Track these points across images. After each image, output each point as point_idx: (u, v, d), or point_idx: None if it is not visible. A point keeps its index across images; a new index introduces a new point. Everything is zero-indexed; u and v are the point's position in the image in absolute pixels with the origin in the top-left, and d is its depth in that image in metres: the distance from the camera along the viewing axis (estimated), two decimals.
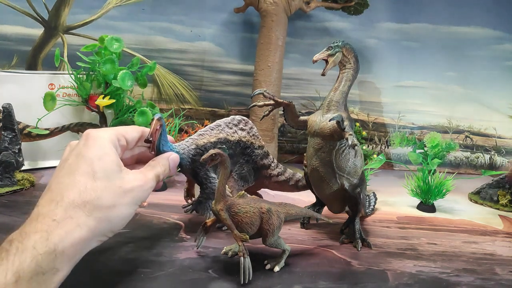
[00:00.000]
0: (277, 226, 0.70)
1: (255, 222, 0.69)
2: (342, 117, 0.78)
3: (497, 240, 0.95)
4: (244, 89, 1.63)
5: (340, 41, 0.85)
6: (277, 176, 0.94)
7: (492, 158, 1.64)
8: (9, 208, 0.97)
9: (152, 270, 0.70)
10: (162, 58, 1.61)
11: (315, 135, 0.84)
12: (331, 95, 0.85)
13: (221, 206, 0.68)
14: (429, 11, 1.59)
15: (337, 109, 0.83)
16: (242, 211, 0.68)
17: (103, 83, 1.32)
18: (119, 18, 1.59)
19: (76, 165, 0.58)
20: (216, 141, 0.86)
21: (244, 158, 0.90)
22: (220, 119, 0.89)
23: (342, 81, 0.85)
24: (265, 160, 0.92)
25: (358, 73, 0.87)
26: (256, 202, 0.71)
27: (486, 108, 1.62)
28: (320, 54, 0.85)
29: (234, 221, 0.68)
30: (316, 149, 0.84)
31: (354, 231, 0.86)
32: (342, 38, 1.54)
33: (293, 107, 0.89)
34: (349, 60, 0.86)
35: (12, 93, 1.24)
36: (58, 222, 0.52)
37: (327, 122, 0.80)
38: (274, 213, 0.70)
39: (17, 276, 0.47)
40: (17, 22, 1.55)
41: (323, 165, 0.83)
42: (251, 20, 1.59)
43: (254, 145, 0.90)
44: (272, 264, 0.73)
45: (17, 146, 1.11)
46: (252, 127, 0.91)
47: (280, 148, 1.59)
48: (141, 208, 1.02)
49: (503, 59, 1.59)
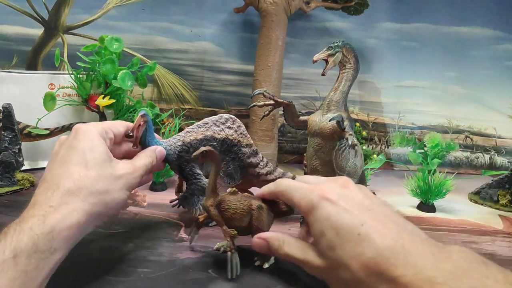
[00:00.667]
0: (266, 223, 0.71)
1: (245, 219, 0.70)
2: (342, 117, 0.78)
3: (497, 240, 0.94)
4: (244, 89, 1.63)
5: (340, 41, 0.85)
6: (265, 175, 0.95)
7: (492, 158, 1.64)
8: (9, 208, 0.97)
9: (152, 270, 0.70)
10: (162, 58, 1.61)
11: (315, 135, 0.84)
12: (331, 95, 0.85)
13: (211, 202, 0.69)
14: (429, 11, 1.59)
15: (337, 109, 0.83)
16: (232, 208, 0.69)
17: (103, 83, 1.32)
18: (119, 18, 1.59)
19: (69, 157, 0.61)
20: (202, 138, 0.87)
21: (231, 155, 0.91)
22: (208, 117, 0.90)
23: (342, 81, 0.86)
24: (252, 159, 0.93)
25: (358, 73, 0.88)
26: (247, 199, 0.71)
27: (486, 108, 1.62)
28: (320, 54, 0.85)
29: (224, 217, 0.69)
30: (316, 149, 0.84)
31: None
32: (342, 38, 1.54)
33: (293, 107, 0.89)
34: (349, 60, 0.86)
35: (12, 93, 1.24)
36: (54, 208, 0.55)
37: (327, 122, 0.81)
38: (264, 210, 0.71)
39: (15, 252, 0.48)
40: (17, 22, 1.55)
41: (323, 165, 0.83)
42: (251, 20, 1.59)
43: (241, 143, 0.91)
44: (261, 260, 0.73)
45: (17, 146, 1.11)
46: (239, 126, 0.92)
47: (280, 148, 1.59)
48: (141, 208, 1.03)
49: (503, 59, 1.59)
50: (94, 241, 0.80)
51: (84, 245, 0.78)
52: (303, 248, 0.58)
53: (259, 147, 1.33)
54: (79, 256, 0.74)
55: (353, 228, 0.49)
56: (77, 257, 0.73)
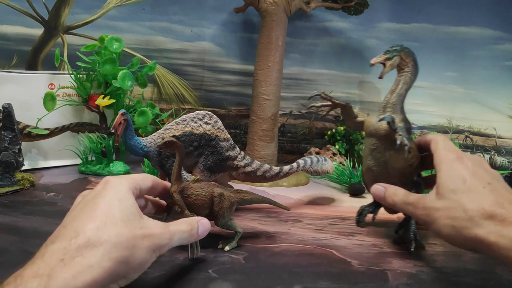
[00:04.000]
0: (227, 209, 0.77)
1: (206, 205, 0.76)
2: (393, 117, 0.81)
3: None
4: (244, 89, 1.63)
5: (398, 45, 0.87)
6: (244, 167, 0.99)
7: (492, 158, 1.64)
8: (9, 208, 0.97)
9: (152, 270, 0.70)
10: (162, 58, 1.61)
11: (370, 135, 0.87)
12: (388, 97, 0.88)
13: (175, 188, 0.74)
14: (429, 11, 1.59)
15: (392, 111, 0.86)
16: (194, 194, 0.75)
17: (103, 83, 1.32)
18: (119, 18, 1.59)
19: (95, 204, 0.54)
20: (181, 134, 0.92)
21: (209, 150, 0.95)
22: (185, 115, 0.95)
23: (400, 84, 0.88)
24: (231, 152, 0.98)
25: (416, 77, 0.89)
26: (210, 186, 0.77)
27: (486, 108, 1.62)
28: (378, 58, 0.88)
29: (186, 202, 0.75)
30: (371, 149, 0.87)
31: (408, 232, 0.87)
32: (342, 38, 1.55)
33: (350, 108, 0.93)
34: (407, 64, 0.88)
35: (12, 93, 1.24)
36: (65, 263, 0.46)
37: (382, 123, 0.83)
38: (225, 197, 0.77)
39: None
40: (17, 22, 1.55)
41: (378, 165, 0.86)
42: (251, 20, 1.59)
43: (219, 137, 0.96)
44: (224, 243, 0.80)
45: (17, 146, 1.11)
46: (216, 121, 0.97)
47: (280, 148, 1.59)
48: None
49: (503, 59, 1.59)
50: None
51: None
52: (410, 195, 0.72)
53: (259, 147, 1.34)
54: None
55: (480, 183, 0.62)
56: None
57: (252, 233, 0.89)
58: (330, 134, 1.55)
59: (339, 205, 1.15)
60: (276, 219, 1.00)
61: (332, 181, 1.32)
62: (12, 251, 0.75)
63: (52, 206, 0.99)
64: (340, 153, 1.50)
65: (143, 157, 0.96)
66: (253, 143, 1.35)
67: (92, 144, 1.27)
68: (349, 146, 1.53)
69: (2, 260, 0.71)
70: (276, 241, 0.87)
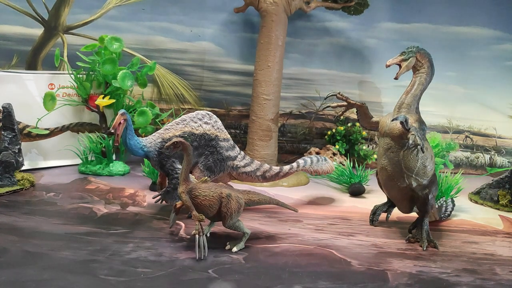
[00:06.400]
0: (235, 210, 0.77)
1: (214, 206, 0.76)
2: (406, 117, 0.81)
3: (497, 240, 0.95)
4: (244, 89, 1.63)
5: (414, 47, 0.88)
6: (243, 167, 1.00)
7: (492, 158, 1.64)
8: (9, 208, 0.97)
9: (152, 270, 0.70)
10: (162, 58, 1.61)
11: (385, 135, 0.88)
12: (403, 97, 0.89)
13: (183, 189, 0.75)
14: (429, 11, 1.59)
15: (407, 111, 0.87)
16: (202, 195, 0.76)
17: (103, 83, 1.32)
18: (119, 18, 1.59)
19: None
20: (181, 134, 0.93)
21: (209, 149, 0.96)
22: (185, 115, 0.95)
23: (415, 84, 0.89)
24: (230, 152, 0.98)
25: (432, 78, 0.90)
26: (218, 187, 0.77)
27: (486, 108, 1.62)
28: (394, 59, 0.89)
29: (194, 203, 0.76)
30: (385, 149, 0.88)
31: (421, 231, 0.88)
32: (342, 38, 1.55)
33: (366, 108, 0.94)
34: (423, 65, 0.89)
35: (12, 93, 1.24)
36: None
37: (396, 123, 0.84)
38: (233, 198, 0.77)
39: None
40: (17, 22, 1.55)
41: (392, 164, 0.87)
42: (251, 20, 1.59)
43: (219, 137, 0.97)
44: (232, 245, 0.80)
45: (17, 146, 1.11)
46: (216, 121, 0.97)
47: (280, 148, 1.59)
48: (141, 208, 1.03)
49: (503, 59, 1.59)
50: (93, 241, 0.80)
51: (84, 245, 0.79)
52: None
53: (259, 147, 1.34)
54: (79, 256, 0.74)
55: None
56: (77, 257, 0.74)
57: (252, 233, 0.89)
58: (330, 134, 1.55)
59: (339, 205, 1.15)
60: (276, 219, 1.00)
61: (332, 181, 1.32)
62: (12, 251, 0.75)
63: (52, 206, 0.99)
64: (340, 153, 1.50)
65: (143, 157, 0.96)
66: (253, 143, 1.35)
67: (92, 144, 1.28)
68: (349, 146, 1.53)
69: (2, 260, 0.71)
70: (276, 241, 0.87)
